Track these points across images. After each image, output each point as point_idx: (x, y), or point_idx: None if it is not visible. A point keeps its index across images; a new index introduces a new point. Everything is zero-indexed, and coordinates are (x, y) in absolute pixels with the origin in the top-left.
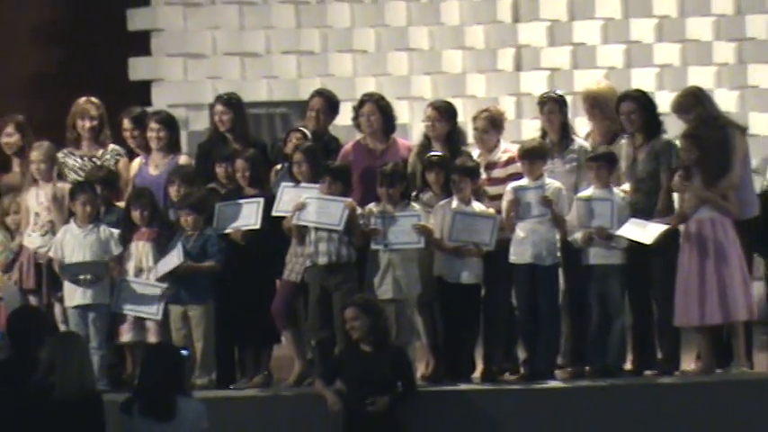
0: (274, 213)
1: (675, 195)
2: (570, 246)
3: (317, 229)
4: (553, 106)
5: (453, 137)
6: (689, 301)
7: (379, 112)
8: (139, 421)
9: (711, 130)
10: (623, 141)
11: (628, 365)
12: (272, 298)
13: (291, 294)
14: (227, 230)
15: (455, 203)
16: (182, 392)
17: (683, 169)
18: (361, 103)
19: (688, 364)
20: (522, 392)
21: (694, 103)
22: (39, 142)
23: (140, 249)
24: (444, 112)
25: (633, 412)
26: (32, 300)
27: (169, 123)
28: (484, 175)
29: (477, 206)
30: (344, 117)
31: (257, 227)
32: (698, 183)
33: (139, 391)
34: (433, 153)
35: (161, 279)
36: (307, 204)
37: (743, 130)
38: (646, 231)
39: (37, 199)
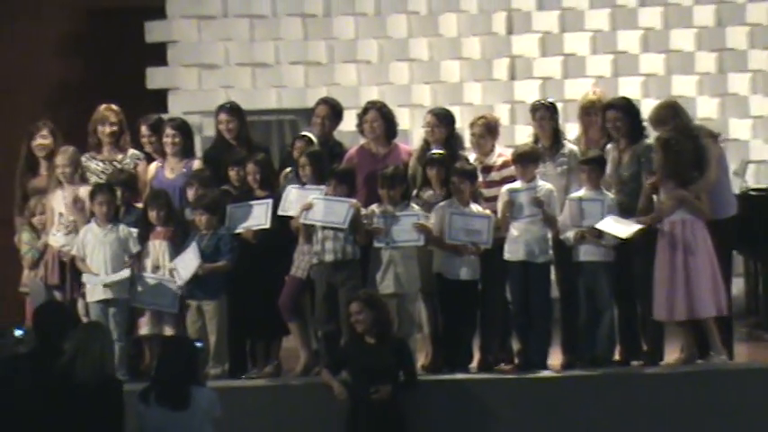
0: (279, 213)
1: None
2: (562, 244)
3: (323, 227)
4: (545, 113)
5: (451, 142)
6: (661, 298)
7: (381, 118)
8: (156, 409)
9: (685, 140)
10: (609, 146)
11: (616, 356)
12: (280, 293)
13: (298, 289)
14: (239, 230)
15: (454, 204)
16: (196, 382)
17: (657, 173)
18: (365, 110)
19: (672, 355)
20: (517, 381)
21: (672, 115)
22: (64, 147)
23: (157, 247)
24: (443, 119)
25: (620, 400)
26: (57, 295)
27: (184, 130)
28: (480, 178)
29: (474, 207)
30: (349, 123)
31: (267, 226)
32: (668, 186)
33: (156, 380)
34: (434, 151)
35: (186, 281)
36: (314, 204)
37: (715, 136)
38: (623, 227)
39: (63, 200)
